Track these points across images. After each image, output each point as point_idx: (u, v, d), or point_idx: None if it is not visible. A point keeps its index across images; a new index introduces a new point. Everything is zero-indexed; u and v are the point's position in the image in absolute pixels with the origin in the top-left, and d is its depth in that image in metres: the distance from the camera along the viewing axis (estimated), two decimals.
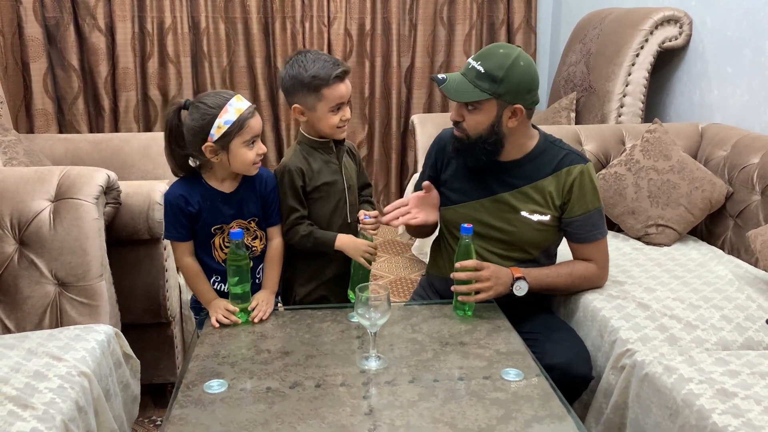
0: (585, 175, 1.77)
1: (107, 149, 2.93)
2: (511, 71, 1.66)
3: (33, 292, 1.75)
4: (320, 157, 1.81)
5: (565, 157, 1.79)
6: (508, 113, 1.71)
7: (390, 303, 1.45)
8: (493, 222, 1.81)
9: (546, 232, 1.81)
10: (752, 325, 1.71)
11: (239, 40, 3.90)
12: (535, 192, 1.79)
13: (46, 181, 1.81)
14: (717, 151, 2.52)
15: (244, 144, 1.61)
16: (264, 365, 1.45)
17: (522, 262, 1.81)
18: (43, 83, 3.54)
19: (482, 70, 1.67)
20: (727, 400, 1.35)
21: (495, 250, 1.82)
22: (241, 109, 1.60)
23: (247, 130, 1.61)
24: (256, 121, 1.63)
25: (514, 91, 1.68)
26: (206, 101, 1.60)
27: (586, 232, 1.80)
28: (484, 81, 1.67)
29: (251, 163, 1.65)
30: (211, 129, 1.58)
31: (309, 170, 1.79)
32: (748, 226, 2.23)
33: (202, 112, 1.59)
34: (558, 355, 1.64)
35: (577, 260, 1.87)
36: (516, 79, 1.67)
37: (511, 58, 1.67)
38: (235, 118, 1.58)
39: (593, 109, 3.17)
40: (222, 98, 1.60)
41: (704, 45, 2.93)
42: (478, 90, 1.67)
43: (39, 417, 1.30)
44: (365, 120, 4.12)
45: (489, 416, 1.26)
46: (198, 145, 1.61)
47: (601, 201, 1.82)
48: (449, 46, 4.07)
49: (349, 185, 1.85)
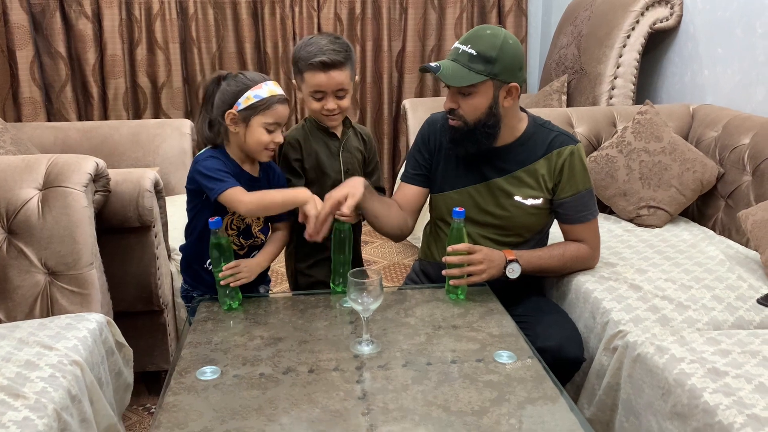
0: (575, 155, 1.77)
1: (96, 137, 2.91)
2: (503, 50, 1.66)
3: (23, 282, 1.74)
4: (321, 137, 1.83)
5: (555, 138, 1.79)
6: (503, 93, 1.71)
7: (382, 288, 1.44)
8: (486, 207, 1.81)
9: (539, 216, 1.81)
10: (743, 305, 1.72)
11: (228, 25, 3.86)
12: (527, 176, 1.78)
13: (34, 170, 1.80)
14: (708, 132, 2.53)
15: (265, 125, 1.63)
16: (257, 351, 1.45)
17: (515, 246, 1.81)
18: (30, 71, 3.50)
19: (474, 53, 1.66)
20: (719, 379, 1.35)
21: (489, 236, 1.82)
22: (275, 92, 1.64)
23: (272, 112, 1.63)
24: (284, 108, 1.66)
25: (509, 70, 1.68)
26: (246, 75, 1.66)
27: (576, 213, 1.80)
28: (478, 63, 1.66)
29: (264, 145, 1.65)
30: (240, 98, 1.62)
31: (306, 145, 1.81)
32: (739, 206, 2.24)
33: (239, 81, 1.64)
34: (550, 338, 1.65)
35: (569, 241, 1.87)
36: (509, 57, 1.67)
37: (500, 38, 1.67)
38: (266, 96, 1.62)
39: (584, 92, 3.16)
40: (261, 77, 1.67)
41: (695, 26, 2.92)
42: (474, 73, 1.66)
43: (31, 406, 1.30)
44: (356, 105, 4.10)
45: (482, 398, 1.26)
46: (223, 110, 1.64)
47: (592, 181, 1.82)
48: (440, 30, 4.05)
49: (347, 169, 1.85)
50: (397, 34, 4.04)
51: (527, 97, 3.61)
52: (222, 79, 1.67)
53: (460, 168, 1.84)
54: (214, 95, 1.66)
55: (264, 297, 1.76)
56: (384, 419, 1.21)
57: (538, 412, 1.24)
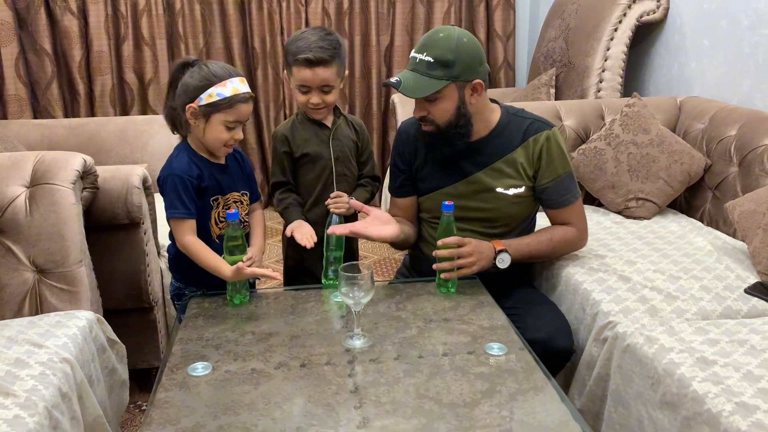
0: (551, 140, 1.78)
1: (83, 134, 2.89)
2: (459, 51, 1.66)
3: (11, 280, 1.73)
4: (311, 127, 1.87)
5: (530, 126, 1.80)
6: (468, 92, 1.71)
7: (373, 282, 1.44)
8: (470, 203, 1.81)
9: (523, 204, 1.83)
10: (731, 295, 1.73)
11: (215, 21, 3.84)
12: (506, 166, 1.79)
13: (21, 167, 1.78)
14: (695, 124, 2.54)
15: (225, 123, 1.61)
16: (248, 347, 1.45)
17: (503, 236, 1.82)
18: (15, 68, 3.47)
19: (431, 60, 1.66)
20: (707, 368, 1.37)
21: (476, 230, 1.82)
22: (239, 90, 1.61)
23: (234, 111, 1.61)
24: (246, 108, 1.64)
25: (469, 69, 1.68)
26: (211, 67, 1.61)
27: (559, 197, 1.82)
28: (437, 69, 1.66)
29: (223, 143, 1.64)
30: (203, 94, 1.58)
31: (295, 137, 1.86)
32: (726, 197, 2.25)
33: (203, 74, 1.60)
34: (540, 330, 1.66)
35: (556, 225, 1.88)
36: (466, 56, 1.67)
37: (454, 39, 1.66)
38: (229, 95, 1.59)
39: (573, 85, 3.17)
40: (227, 72, 1.61)
41: (681, 18, 2.94)
42: (434, 80, 1.66)
43: (21, 404, 1.29)
44: (345, 100, 4.09)
45: (474, 390, 1.27)
46: (184, 101, 1.61)
47: (571, 164, 1.84)
48: (428, 24, 4.04)
49: (337, 156, 1.88)
50: (386, 29, 4.04)
51: (515, 91, 3.62)
52: (188, 66, 1.63)
53: (440, 169, 1.84)
54: (178, 82, 1.63)
55: (254, 292, 1.75)
56: (376, 412, 1.21)
57: (529, 403, 1.24)
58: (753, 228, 1.90)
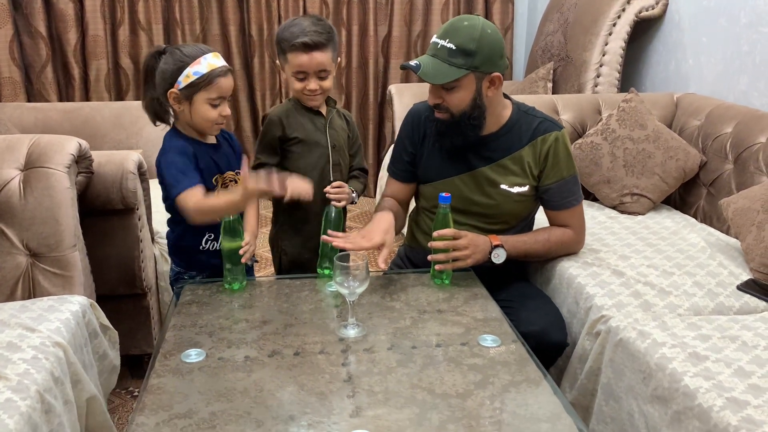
0: (560, 142, 1.78)
1: (78, 118, 2.87)
2: (481, 41, 1.65)
3: (4, 263, 1.72)
4: (306, 114, 1.85)
5: (539, 125, 1.79)
6: (486, 83, 1.70)
7: (368, 271, 1.44)
8: (472, 197, 1.81)
9: (525, 203, 1.83)
10: (723, 291, 1.74)
11: (212, 7, 3.81)
12: (513, 163, 1.79)
13: (16, 150, 1.77)
14: (691, 120, 2.55)
15: (209, 101, 1.60)
16: (242, 334, 1.45)
17: (500, 233, 1.82)
18: (9, 50, 3.43)
19: (453, 47, 1.65)
20: (699, 363, 1.38)
21: (475, 224, 1.82)
22: (215, 65, 1.59)
23: (215, 87, 1.59)
24: (226, 82, 1.62)
25: (490, 60, 1.67)
26: (183, 49, 1.60)
27: (562, 198, 1.82)
28: (458, 57, 1.65)
29: (212, 121, 1.63)
30: (180, 76, 1.57)
31: (291, 122, 1.83)
32: (721, 194, 2.26)
33: (176, 58, 1.59)
34: (533, 323, 1.66)
35: (554, 226, 1.88)
36: (488, 48, 1.66)
37: (478, 29, 1.65)
38: (205, 71, 1.58)
39: (570, 79, 3.17)
40: (199, 50, 1.60)
41: (680, 15, 2.94)
42: (454, 68, 1.65)
43: (13, 388, 1.29)
44: (342, 90, 4.07)
45: (466, 381, 1.27)
46: (164, 89, 1.60)
47: (576, 167, 1.83)
48: (426, 15, 4.03)
49: (334, 144, 1.87)
50: (384, 19, 4.02)
51: (512, 84, 3.62)
52: (161, 54, 1.62)
53: (445, 158, 1.84)
54: (154, 72, 1.62)
55: (251, 280, 1.75)
56: (369, 401, 1.21)
57: (522, 395, 1.25)
58: (747, 225, 1.91)
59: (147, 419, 1.16)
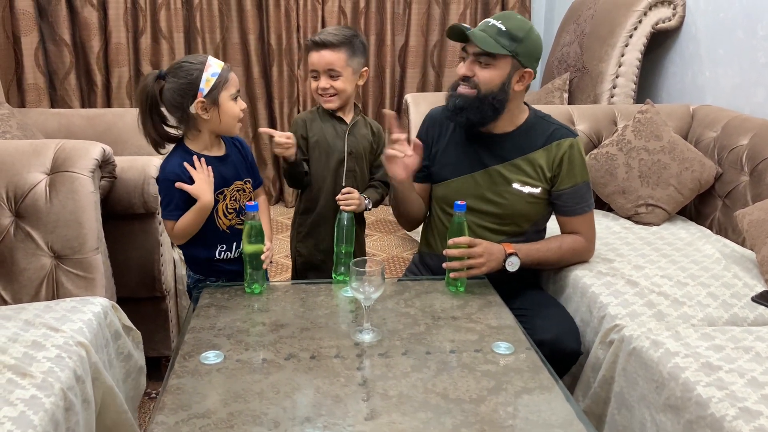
0: (574, 148, 1.82)
1: (101, 124, 2.92)
2: (529, 35, 1.73)
3: (29, 265, 1.76)
4: (329, 119, 1.93)
5: (555, 131, 1.83)
6: (517, 76, 1.76)
7: (384, 277, 1.47)
8: (484, 195, 1.84)
9: (536, 205, 1.85)
10: (738, 302, 1.74)
11: (232, 16, 3.87)
12: (526, 164, 1.82)
13: (42, 154, 1.82)
14: (707, 132, 2.55)
15: (231, 97, 1.66)
16: (259, 337, 1.47)
17: (512, 236, 1.84)
18: (34, 57, 3.51)
19: (503, 28, 1.71)
20: (712, 373, 1.38)
21: (486, 224, 1.85)
22: (221, 63, 1.67)
23: (231, 82, 1.67)
24: (234, 75, 1.70)
25: (529, 55, 1.74)
26: (187, 61, 1.65)
27: (574, 204, 1.84)
28: (505, 38, 1.71)
29: (238, 117, 1.70)
30: (200, 84, 1.62)
31: (313, 126, 1.92)
32: (736, 206, 2.26)
33: (186, 70, 1.63)
34: (548, 331, 1.67)
35: (566, 234, 1.90)
36: (532, 43, 1.74)
37: (529, 24, 1.76)
38: (219, 70, 1.64)
39: (586, 90, 3.18)
40: (200, 57, 1.66)
41: (697, 27, 2.94)
42: (499, 45, 1.71)
43: (38, 385, 1.32)
44: (358, 98, 4.11)
45: (480, 387, 1.29)
46: (188, 104, 1.63)
47: (589, 174, 1.86)
48: (443, 25, 4.06)
49: (351, 151, 1.93)
50: (401, 29, 4.06)
51: (528, 94, 3.61)
52: (162, 78, 1.64)
53: (460, 156, 1.87)
54: (161, 95, 1.64)
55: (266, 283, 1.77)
56: (384, 405, 1.23)
57: (534, 402, 1.26)
58: (762, 237, 1.91)
59: (167, 418, 1.19)
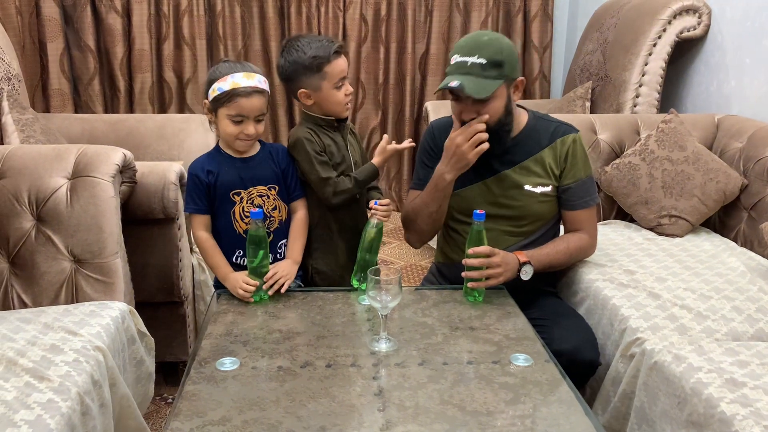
0: (577, 143, 1.86)
1: (123, 129, 2.96)
2: (505, 52, 1.72)
3: (49, 268, 1.78)
4: (325, 133, 1.87)
5: (557, 128, 1.87)
6: (513, 89, 1.78)
7: (401, 286, 1.46)
8: (498, 200, 1.85)
9: (549, 204, 1.87)
10: (763, 317, 1.70)
11: (254, 23, 3.90)
12: (535, 164, 1.84)
13: (64, 159, 1.83)
14: (733, 142, 2.51)
15: (229, 117, 1.68)
16: (276, 345, 1.47)
17: (529, 235, 1.86)
18: (59, 63, 3.56)
19: (484, 62, 1.69)
20: (736, 390, 1.35)
21: (503, 228, 1.85)
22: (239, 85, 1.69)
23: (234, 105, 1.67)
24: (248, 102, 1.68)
25: (514, 67, 1.76)
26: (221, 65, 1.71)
27: (579, 198, 1.86)
28: (491, 70, 1.70)
29: (233, 136, 1.71)
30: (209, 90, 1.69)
31: (319, 141, 1.85)
32: (762, 218, 2.22)
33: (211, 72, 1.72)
34: (566, 341, 1.65)
35: (569, 233, 1.92)
36: (511, 56, 1.74)
37: (497, 40, 1.74)
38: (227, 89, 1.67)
39: (609, 99, 3.15)
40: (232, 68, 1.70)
41: (723, 35, 2.90)
42: (490, 80, 1.70)
43: (55, 389, 1.33)
44: (378, 106, 4.11)
45: (497, 399, 1.27)
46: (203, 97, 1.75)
47: (592, 168, 1.90)
48: (464, 33, 4.04)
49: (355, 161, 1.92)
50: (422, 37, 4.05)
51: (550, 103, 3.61)
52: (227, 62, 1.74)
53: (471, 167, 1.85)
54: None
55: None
56: (399, 416, 1.22)
57: (553, 415, 1.24)
58: None
59: (182, 424, 1.19)
